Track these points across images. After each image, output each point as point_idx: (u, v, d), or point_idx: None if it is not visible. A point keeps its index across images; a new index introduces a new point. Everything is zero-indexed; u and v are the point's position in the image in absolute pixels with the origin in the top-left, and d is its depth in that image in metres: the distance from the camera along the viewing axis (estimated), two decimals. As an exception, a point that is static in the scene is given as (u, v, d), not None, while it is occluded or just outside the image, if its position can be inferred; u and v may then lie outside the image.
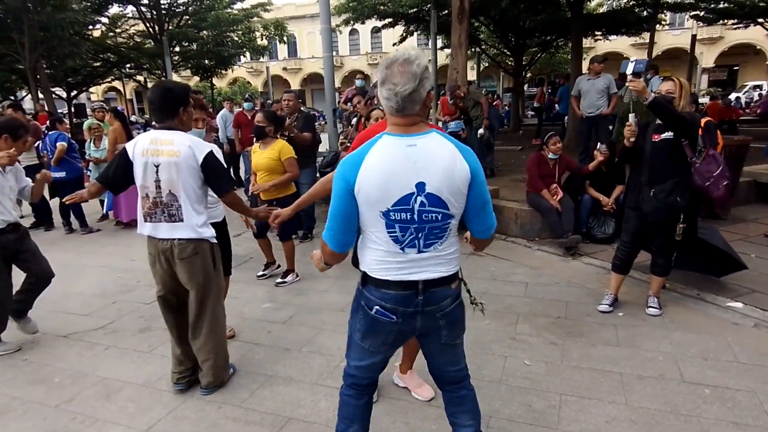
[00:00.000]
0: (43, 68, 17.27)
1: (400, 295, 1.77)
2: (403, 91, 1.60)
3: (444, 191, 1.65)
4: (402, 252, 1.73)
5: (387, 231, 1.71)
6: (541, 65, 25.04)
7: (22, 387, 3.07)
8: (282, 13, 31.25)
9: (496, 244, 5.55)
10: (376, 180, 1.64)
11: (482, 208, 1.75)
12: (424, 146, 1.66)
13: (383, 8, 14.82)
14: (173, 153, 2.62)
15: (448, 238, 1.77)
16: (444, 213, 1.68)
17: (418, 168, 1.63)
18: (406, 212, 1.67)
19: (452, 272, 1.81)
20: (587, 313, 3.76)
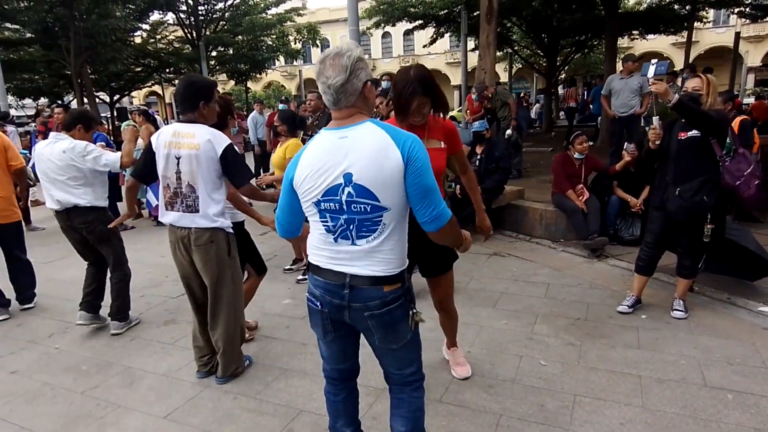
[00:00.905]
0: (88, 73, 18.06)
1: (329, 283, 1.75)
2: (335, 83, 1.61)
3: (371, 181, 1.60)
4: (335, 242, 1.72)
5: (320, 220, 1.72)
6: (575, 66, 24.58)
7: (53, 374, 3.23)
8: (315, 18, 31.69)
9: (520, 245, 5.50)
10: (308, 172, 1.67)
11: (423, 196, 1.62)
12: (354, 136, 1.63)
13: (413, 10, 14.84)
14: (194, 146, 2.71)
15: (385, 233, 1.68)
16: (373, 204, 1.62)
17: (346, 159, 1.62)
18: (335, 203, 1.66)
19: (387, 273, 1.70)
20: (609, 315, 3.68)
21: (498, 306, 3.94)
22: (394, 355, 1.86)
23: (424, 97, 2.33)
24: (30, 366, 3.33)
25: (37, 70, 20.45)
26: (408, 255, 1.80)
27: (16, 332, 3.88)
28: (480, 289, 4.27)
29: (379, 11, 15.34)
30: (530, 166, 8.89)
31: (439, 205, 1.65)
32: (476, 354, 3.21)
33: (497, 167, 5.64)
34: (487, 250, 5.32)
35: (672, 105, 3.15)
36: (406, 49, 41.05)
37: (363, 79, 1.65)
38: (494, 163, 5.66)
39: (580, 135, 5.29)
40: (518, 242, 5.61)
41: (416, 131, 2.36)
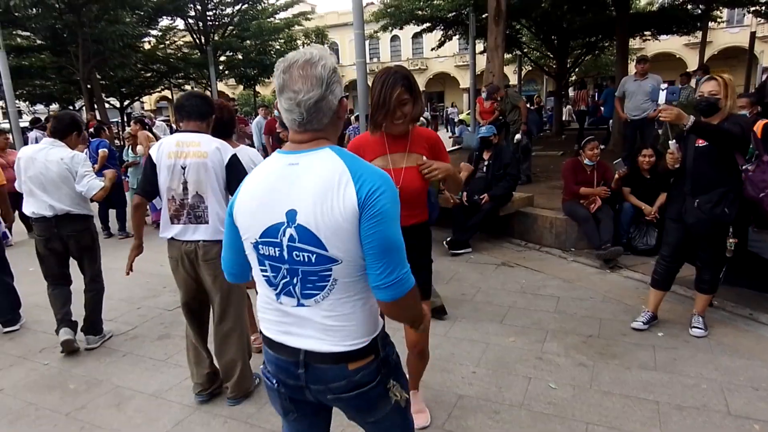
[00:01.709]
0: (97, 79, 18.13)
1: (281, 360, 1.39)
2: (307, 100, 1.25)
3: (318, 224, 1.23)
4: (278, 300, 1.37)
5: (260, 269, 1.37)
6: (586, 67, 24.25)
7: (38, 392, 3.10)
8: (324, 22, 31.71)
9: (529, 254, 5.31)
10: (247, 204, 1.34)
11: (380, 254, 1.23)
12: (306, 164, 1.28)
13: (421, 13, 14.68)
14: (201, 154, 2.65)
15: (336, 292, 1.30)
16: (319, 254, 1.25)
17: (292, 192, 1.27)
18: (275, 247, 1.30)
19: (349, 347, 1.32)
20: (622, 332, 3.48)
21: (506, 321, 3.75)
22: (375, 426, 1.50)
23: (406, 91, 2.08)
24: (16, 384, 3.21)
25: (48, 76, 20.62)
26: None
27: (7, 346, 3.76)
28: (487, 302, 4.09)
29: (386, 14, 15.19)
30: (540, 171, 8.68)
31: (401, 269, 1.25)
32: (482, 375, 3.03)
33: (505, 173, 5.45)
34: (495, 260, 5.14)
35: (689, 129, 2.95)
36: (415, 53, 40.93)
37: (338, 95, 1.32)
38: (502, 169, 5.47)
39: (592, 141, 5.09)
40: (527, 251, 5.41)
41: (396, 143, 2.18)
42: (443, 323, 3.72)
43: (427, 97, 40.66)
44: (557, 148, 12.19)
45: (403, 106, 2.09)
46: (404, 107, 2.10)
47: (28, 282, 5.05)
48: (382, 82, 2.07)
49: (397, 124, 2.13)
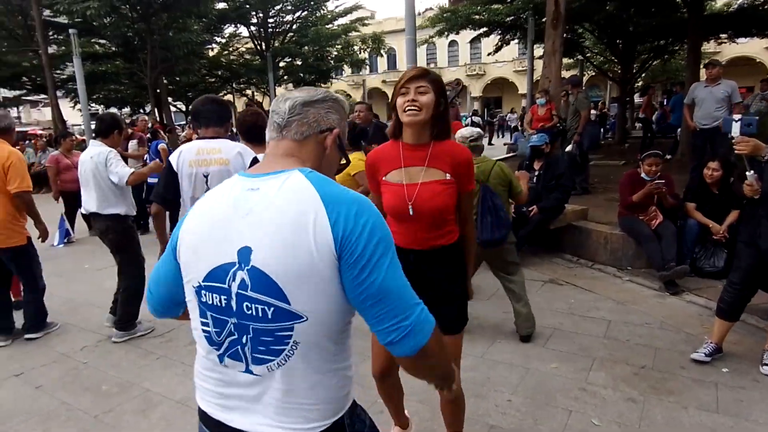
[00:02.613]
0: (164, 84, 19.06)
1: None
2: (296, 98, 1.13)
3: (279, 268, 0.97)
4: (221, 363, 1.07)
5: (200, 321, 1.09)
6: (654, 72, 23.00)
7: (73, 392, 3.16)
8: (383, 27, 31.88)
9: (580, 271, 4.98)
10: (192, 236, 1.08)
11: (379, 302, 0.98)
12: (268, 190, 1.03)
13: (478, 18, 14.39)
14: (223, 161, 2.65)
15: (298, 358, 1.01)
16: (278, 307, 0.98)
17: (248, 224, 1.01)
18: (221, 294, 1.03)
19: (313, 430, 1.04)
20: (681, 364, 3.14)
21: (549, 345, 3.49)
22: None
23: (428, 83, 1.83)
24: (54, 382, 3.29)
25: (121, 81, 21.93)
26: None
27: (54, 342, 3.89)
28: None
29: (442, 19, 15.01)
30: (598, 181, 8.21)
31: (412, 311, 1.00)
32: (518, 404, 2.80)
33: (557, 185, 5.15)
34: (542, 276, 4.85)
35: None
36: (473, 57, 40.40)
37: (332, 122, 1.16)
38: (554, 180, 5.17)
39: (653, 156, 4.66)
40: (578, 268, 5.08)
41: (414, 155, 1.92)
42: (481, 343, 3.52)
43: (484, 102, 40.05)
44: (619, 157, 11.56)
45: (421, 96, 1.82)
46: (422, 97, 1.82)
47: (81, 279, 5.29)
48: (401, 78, 1.87)
49: (410, 114, 1.83)
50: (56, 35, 18.12)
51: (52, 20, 16.90)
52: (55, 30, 17.52)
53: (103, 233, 3.74)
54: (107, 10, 14.59)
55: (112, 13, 15.31)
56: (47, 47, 15.48)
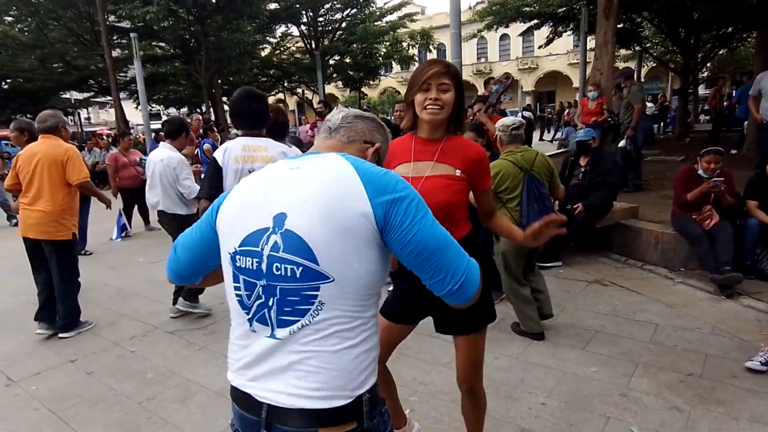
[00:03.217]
0: (218, 84, 19.73)
1: (242, 415, 1.13)
2: (349, 113, 1.32)
3: (313, 230, 1.03)
4: (251, 330, 1.11)
5: (233, 286, 1.14)
6: (720, 62, 21.62)
7: (120, 378, 3.33)
8: (433, 23, 31.61)
9: (628, 272, 4.76)
10: (233, 209, 1.16)
11: (425, 256, 1.06)
12: (305, 166, 1.13)
13: (528, 9, 14.01)
14: (268, 158, 2.68)
15: (321, 321, 1.05)
16: (306, 267, 1.03)
17: (283, 194, 1.09)
18: (254, 257, 1.08)
19: (324, 404, 1.04)
20: (733, 373, 2.94)
21: (589, 347, 3.36)
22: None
23: (450, 80, 1.78)
24: (104, 368, 3.48)
25: (179, 82, 22.93)
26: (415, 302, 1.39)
27: (106, 332, 4.11)
28: (569, 324, 3.70)
29: (491, 12, 14.72)
30: (654, 178, 7.82)
31: (461, 264, 1.08)
32: (552, 407, 2.72)
33: (604, 181, 4.94)
34: (587, 276, 4.67)
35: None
36: (525, 51, 39.41)
37: (376, 138, 1.31)
38: (600, 176, 4.96)
39: (712, 153, 4.38)
40: (626, 269, 4.85)
41: (425, 150, 1.87)
42: (516, 344, 3.43)
43: (536, 96, 38.98)
44: (678, 152, 10.97)
45: (442, 93, 1.78)
46: (444, 94, 1.78)
47: (133, 272, 5.56)
48: (420, 69, 1.82)
49: (431, 112, 1.79)
50: (120, 39, 19.14)
51: (116, 25, 17.85)
52: (118, 34, 18.51)
53: (169, 229, 4.05)
54: (165, 14, 15.24)
55: (169, 16, 15.99)
56: (111, 51, 16.38)
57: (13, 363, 3.60)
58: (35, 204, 3.88)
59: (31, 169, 3.87)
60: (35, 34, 19.08)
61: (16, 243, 5.28)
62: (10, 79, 20.26)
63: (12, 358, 3.68)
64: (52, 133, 3.95)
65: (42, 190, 3.86)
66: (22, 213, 3.97)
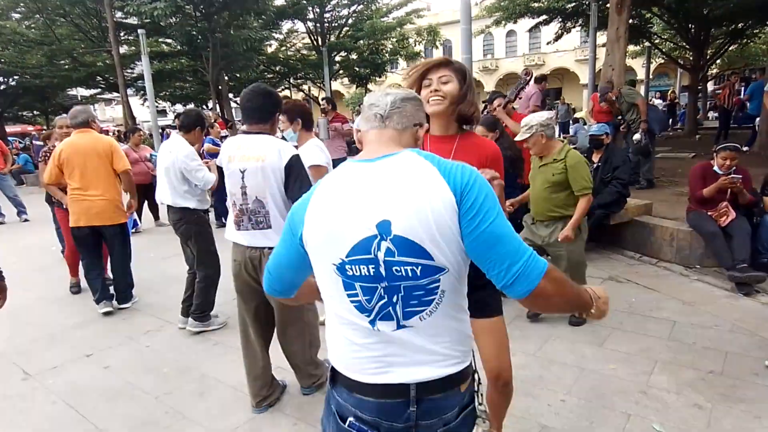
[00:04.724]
0: (225, 80, 19.73)
1: (384, 404, 1.20)
2: (396, 94, 1.28)
3: (419, 231, 1.10)
4: (373, 329, 1.18)
5: (347, 294, 1.19)
6: (730, 58, 21.43)
7: (137, 373, 3.34)
8: (438, 19, 31.49)
9: (643, 269, 4.73)
10: (324, 221, 1.19)
11: (491, 244, 1.11)
12: (386, 169, 1.17)
13: (537, 5, 13.92)
14: (259, 158, 2.57)
15: (444, 305, 1.17)
16: (425, 265, 1.12)
17: (378, 201, 1.14)
18: (369, 264, 1.14)
19: (461, 366, 1.21)
20: (754, 370, 2.92)
21: (606, 345, 3.34)
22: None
23: (451, 71, 1.79)
24: (121, 362, 3.49)
25: (186, 78, 22.94)
26: None
27: (121, 327, 4.12)
28: (587, 322, 3.67)
29: (499, 8, 14.63)
30: (665, 174, 7.77)
31: (521, 256, 1.11)
32: (572, 405, 2.70)
33: (613, 177, 4.90)
34: (601, 273, 4.64)
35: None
36: (532, 47, 39.17)
37: (420, 118, 1.32)
38: (611, 172, 4.93)
39: (728, 149, 4.32)
40: (641, 266, 4.82)
41: (440, 147, 1.85)
42: (534, 341, 3.41)
43: (543, 93, 38.76)
44: (689, 149, 10.90)
45: (443, 84, 1.79)
46: (445, 86, 1.79)
47: (146, 267, 5.57)
48: (421, 63, 1.83)
49: (433, 103, 1.81)
50: (127, 36, 19.15)
51: (123, 21, 17.85)
52: (125, 31, 18.51)
53: (175, 224, 3.88)
54: (172, 10, 15.21)
55: (177, 12, 15.96)
56: (119, 47, 16.39)
57: (29, 357, 3.62)
58: (93, 193, 4.16)
59: (81, 161, 4.12)
60: (43, 30, 19.11)
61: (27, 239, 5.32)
62: (17, 76, 20.29)
63: (28, 353, 3.70)
64: (86, 127, 4.19)
65: (98, 180, 4.17)
66: (80, 204, 4.19)
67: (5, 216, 9.13)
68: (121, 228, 4.40)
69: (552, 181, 3.56)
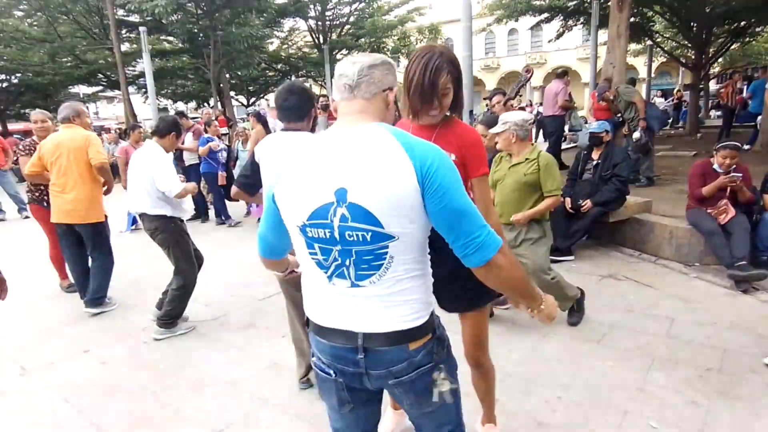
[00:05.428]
0: (226, 78, 19.73)
1: (335, 347, 1.36)
2: (362, 62, 1.31)
3: (372, 201, 1.21)
4: (329, 282, 1.33)
5: (308, 252, 1.34)
6: (732, 57, 21.35)
7: (134, 368, 3.33)
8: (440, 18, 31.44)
9: (642, 267, 4.71)
10: (289, 187, 1.31)
11: (454, 223, 1.23)
12: (351, 140, 1.26)
13: (538, 3, 13.87)
14: None
15: (393, 269, 1.28)
16: (375, 232, 1.23)
17: (340, 169, 1.24)
18: (325, 228, 1.26)
19: (409, 325, 1.31)
20: (752, 368, 2.90)
21: (604, 342, 3.33)
22: (429, 417, 1.46)
23: (451, 80, 1.76)
24: (117, 358, 3.48)
25: (187, 76, 22.94)
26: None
27: (119, 324, 4.11)
28: (584, 319, 3.65)
29: (501, 5, 14.60)
30: (666, 172, 7.74)
31: (480, 230, 1.24)
32: (568, 401, 2.69)
33: (612, 174, 4.89)
34: (600, 270, 4.63)
35: None
36: (534, 46, 39.12)
37: (392, 82, 1.35)
38: (610, 170, 4.91)
39: (728, 148, 4.31)
40: (640, 263, 4.80)
41: (420, 134, 1.81)
42: (531, 338, 3.41)
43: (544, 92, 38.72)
44: (690, 147, 10.87)
45: (444, 98, 1.78)
46: (445, 99, 1.79)
47: (144, 264, 5.57)
48: (425, 63, 1.75)
49: (431, 116, 1.83)
50: (128, 33, 19.16)
51: (125, 19, 17.86)
52: (127, 29, 18.52)
53: (152, 233, 3.77)
54: (174, 8, 15.23)
55: (178, 10, 15.98)
56: (120, 45, 16.40)
57: (27, 353, 3.62)
58: (67, 191, 4.05)
59: (56, 157, 4.03)
60: (44, 28, 19.14)
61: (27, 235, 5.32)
62: (19, 73, 20.32)
63: (26, 348, 3.70)
64: (68, 123, 4.12)
65: (72, 177, 4.05)
66: (55, 200, 4.11)
67: (6, 212, 9.15)
68: (95, 228, 4.17)
69: (523, 182, 3.42)
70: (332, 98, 1.40)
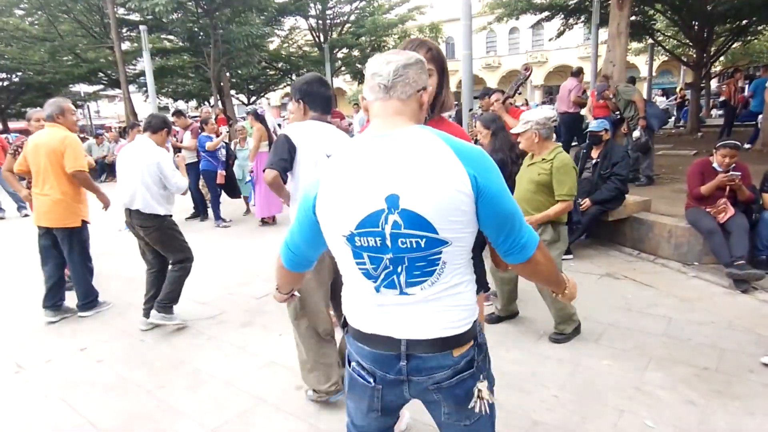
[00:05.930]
0: (226, 77, 19.71)
1: (378, 354, 1.34)
2: (397, 62, 1.26)
3: (426, 206, 1.18)
4: (377, 293, 1.30)
5: (355, 262, 1.30)
6: (734, 56, 21.28)
7: (130, 366, 3.33)
8: (441, 16, 31.40)
9: (641, 266, 4.70)
10: (335, 193, 1.26)
11: (503, 224, 1.25)
12: (398, 143, 1.22)
13: (539, 1, 13.84)
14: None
15: (445, 275, 1.26)
16: (429, 237, 1.20)
17: (390, 175, 1.20)
18: (375, 236, 1.23)
19: (454, 332, 1.29)
20: (750, 368, 2.89)
21: (601, 341, 3.32)
22: (465, 430, 1.41)
23: (431, 63, 1.72)
24: (114, 356, 3.48)
25: (188, 74, 22.93)
26: None
27: (116, 322, 4.11)
28: (581, 317, 3.60)
29: (501, 4, 14.56)
30: (666, 171, 7.72)
31: (524, 232, 1.28)
32: (565, 400, 2.68)
33: (611, 173, 4.87)
34: (598, 269, 4.62)
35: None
36: (535, 44, 39.04)
37: (424, 81, 1.31)
38: (609, 168, 4.90)
39: (728, 147, 4.29)
40: (639, 262, 4.79)
41: None
42: (529, 337, 3.40)
43: (546, 91, 38.66)
44: (690, 146, 10.84)
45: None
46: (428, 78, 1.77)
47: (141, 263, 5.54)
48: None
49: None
50: (129, 32, 19.15)
51: (125, 18, 17.85)
52: (127, 27, 18.51)
53: (145, 230, 3.71)
54: (174, 7, 15.21)
55: (178, 9, 15.96)
56: (121, 44, 16.39)
57: (23, 350, 3.62)
58: (45, 192, 3.96)
59: (34, 157, 3.96)
60: (45, 27, 19.14)
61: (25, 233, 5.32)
62: (20, 72, 20.35)
63: (23, 346, 3.70)
64: (52, 121, 3.96)
65: (48, 179, 3.94)
66: (35, 201, 4.04)
67: (5, 211, 9.15)
68: (71, 232, 4.04)
69: (536, 181, 3.34)
70: (362, 96, 1.37)
